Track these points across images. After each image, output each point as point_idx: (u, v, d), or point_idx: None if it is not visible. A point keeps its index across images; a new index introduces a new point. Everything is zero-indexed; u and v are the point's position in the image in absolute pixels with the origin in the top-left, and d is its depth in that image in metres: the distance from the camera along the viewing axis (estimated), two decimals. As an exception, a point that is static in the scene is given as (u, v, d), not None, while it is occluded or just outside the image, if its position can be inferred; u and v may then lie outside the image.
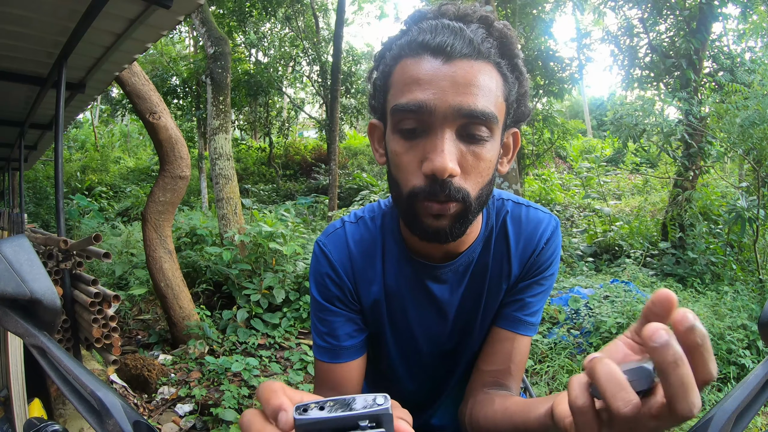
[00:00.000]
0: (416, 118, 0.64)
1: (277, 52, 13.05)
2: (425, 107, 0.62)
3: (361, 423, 0.32)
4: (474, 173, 0.66)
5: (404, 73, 0.66)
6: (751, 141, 4.49)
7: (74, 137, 16.76)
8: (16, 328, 0.42)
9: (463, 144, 0.65)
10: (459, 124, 0.64)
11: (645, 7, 6.58)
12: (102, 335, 2.16)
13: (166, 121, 3.99)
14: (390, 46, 0.71)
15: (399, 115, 0.66)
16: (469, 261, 0.83)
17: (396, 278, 0.84)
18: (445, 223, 0.67)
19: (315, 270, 0.85)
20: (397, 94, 0.67)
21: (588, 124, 20.04)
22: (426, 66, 0.64)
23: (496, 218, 0.84)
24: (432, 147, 0.63)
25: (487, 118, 0.63)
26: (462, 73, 0.63)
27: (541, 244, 0.83)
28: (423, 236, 0.70)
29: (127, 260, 5.95)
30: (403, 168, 0.67)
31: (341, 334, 0.84)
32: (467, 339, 0.88)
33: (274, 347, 4.09)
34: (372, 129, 0.78)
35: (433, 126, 0.64)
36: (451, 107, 0.62)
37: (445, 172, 0.62)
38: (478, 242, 0.82)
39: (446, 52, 0.63)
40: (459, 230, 0.69)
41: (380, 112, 0.74)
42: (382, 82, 0.72)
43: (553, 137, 9.79)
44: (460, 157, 0.64)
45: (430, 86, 0.63)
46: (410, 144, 0.66)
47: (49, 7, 2.30)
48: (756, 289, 4.40)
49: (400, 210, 0.73)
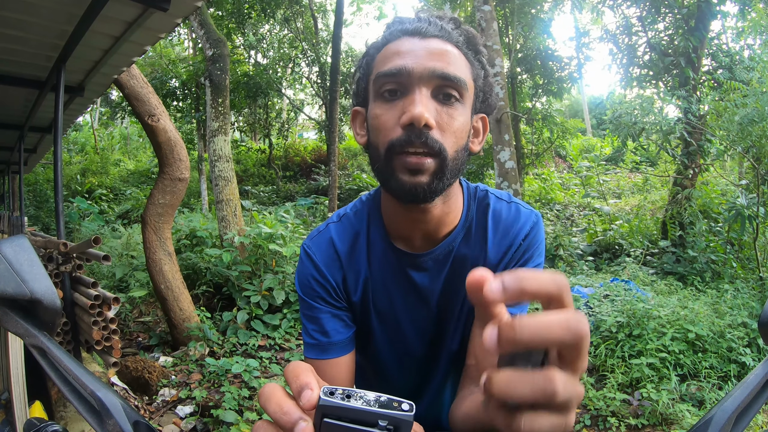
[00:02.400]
0: (396, 81, 0.71)
1: (276, 53, 13.05)
2: (404, 69, 0.70)
3: (381, 422, 0.32)
4: (449, 131, 0.71)
5: (386, 52, 0.75)
6: (751, 138, 4.49)
7: (74, 140, 16.77)
8: (16, 328, 0.42)
9: (437, 104, 0.71)
10: (434, 85, 0.71)
11: (643, 6, 6.59)
12: (102, 337, 2.16)
13: (165, 124, 4.00)
14: (374, 43, 0.80)
15: (381, 81, 0.73)
16: (449, 250, 0.84)
17: (381, 267, 0.87)
18: (423, 180, 0.70)
19: (300, 272, 0.89)
20: (378, 67, 0.75)
21: (587, 123, 20.04)
22: (405, 43, 0.73)
23: (477, 210, 0.86)
24: (410, 101, 0.70)
25: (459, 82, 0.71)
26: (436, 45, 0.72)
27: (519, 238, 0.84)
28: (400, 193, 0.73)
29: (127, 262, 5.95)
30: (381, 127, 0.73)
31: (329, 329, 0.86)
32: (448, 326, 0.90)
33: (274, 348, 4.09)
34: (355, 115, 0.84)
35: (410, 85, 0.71)
36: (426, 69, 0.70)
37: (422, 119, 0.67)
38: (458, 231, 0.84)
39: (422, 32, 0.73)
40: (437, 187, 0.72)
41: (363, 96, 0.81)
42: (366, 70, 0.80)
43: (553, 136, 9.79)
44: (436, 115, 0.70)
45: (408, 55, 0.71)
46: (389, 105, 0.72)
47: (48, 11, 2.30)
48: (756, 286, 4.40)
49: (377, 172, 0.76)
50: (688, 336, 3.14)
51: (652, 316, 3.33)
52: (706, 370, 3.00)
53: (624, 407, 2.82)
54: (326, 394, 0.32)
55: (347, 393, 0.33)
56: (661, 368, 2.99)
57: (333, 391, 0.33)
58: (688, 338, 3.14)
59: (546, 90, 9.21)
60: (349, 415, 0.32)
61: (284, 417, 0.33)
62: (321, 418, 0.33)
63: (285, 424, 0.33)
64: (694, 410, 2.68)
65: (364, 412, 0.32)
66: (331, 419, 0.32)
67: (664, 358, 3.04)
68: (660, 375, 2.96)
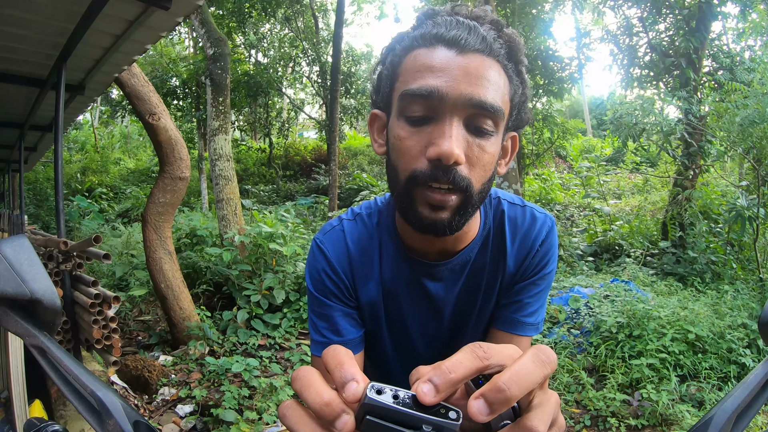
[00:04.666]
0: (426, 104, 0.64)
1: (276, 52, 13.05)
2: (437, 93, 0.62)
3: (425, 428, 0.31)
4: (478, 166, 0.66)
5: (416, 61, 0.66)
6: (751, 140, 4.49)
7: (74, 139, 16.76)
8: (16, 328, 0.41)
9: (469, 135, 0.65)
10: (467, 114, 0.64)
11: (644, 6, 6.58)
12: (102, 336, 2.16)
13: (166, 123, 3.99)
14: (401, 38, 0.71)
15: (408, 100, 0.65)
16: (467, 260, 0.82)
17: (393, 275, 0.84)
18: (445, 216, 0.66)
19: (312, 266, 0.85)
20: (407, 81, 0.66)
21: (588, 124, 20.04)
22: (440, 55, 0.64)
23: (493, 219, 0.84)
24: (440, 132, 0.63)
25: (495, 112, 0.64)
26: (474, 65, 0.63)
27: (536, 245, 0.83)
28: (418, 226, 0.69)
29: (127, 261, 5.95)
30: (405, 152, 0.66)
31: (340, 328, 0.83)
32: (461, 337, 0.88)
33: (274, 348, 4.09)
34: (373, 119, 0.77)
35: (442, 112, 0.63)
36: (462, 95, 0.62)
37: (452, 157, 0.61)
38: (476, 242, 0.82)
39: (460, 44, 0.64)
40: (458, 223, 0.68)
41: (385, 102, 0.73)
42: (390, 72, 0.71)
43: (553, 137, 9.80)
44: (466, 148, 0.64)
45: (442, 73, 0.63)
46: (416, 129, 0.66)
47: (49, 9, 2.30)
48: (756, 287, 4.40)
49: (396, 197, 0.71)
50: (688, 337, 3.14)
51: (652, 317, 3.33)
52: (706, 371, 3.00)
53: (624, 408, 2.82)
54: (374, 392, 0.31)
55: (395, 392, 0.32)
56: (661, 369, 2.99)
57: (381, 390, 0.31)
58: (688, 339, 3.14)
59: (547, 90, 9.20)
60: (394, 416, 0.31)
61: (325, 408, 0.31)
62: (364, 415, 0.31)
63: (326, 416, 0.31)
64: (693, 411, 2.68)
65: (410, 416, 0.31)
66: (374, 417, 0.31)
67: (664, 358, 3.04)
68: (660, 376, 2.96)
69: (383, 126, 0.75)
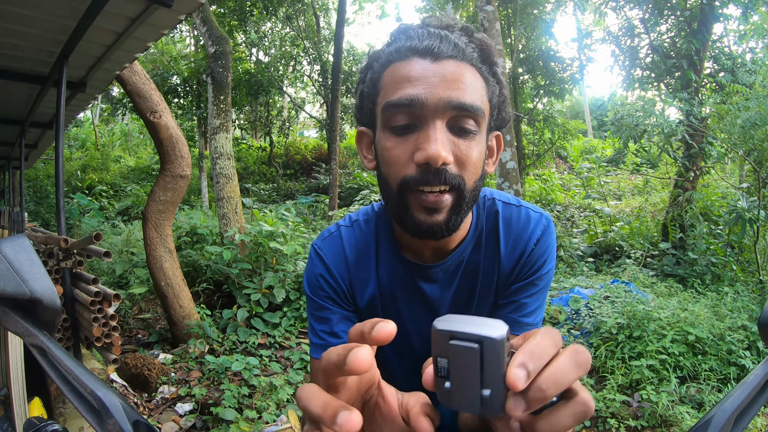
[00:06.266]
0: (408, 112, 0.66)
1: (277, 51, 13.04)
2: (417, 100, 0.65)
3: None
4: (467, 164, 0.68)
5: (394, 74, 0.69)
6: (752, 142, 4.49)
7: (75, 136, 16.77)
8: (16, 327, 0.41)
9: (454, 137, 0.67)
10: (449, 117, 0.66)
11: (646, 8, 6.58)
12: (102, 334, 2.16)
13: (167, 120, 3.99)
14: (377, 56, 0.74)
15: (390, 111, 0.68)
16: (460, 260, 0.83)
17: (389, 278, 0.86)
18: (441, 218, 0.68)
19: (310, 272, 0.88)
20: (388, 94, 0.69)
21: (588, 125, 20.03)
22: (415, 66, 0.67)
23: (486, 218, 0.85)
24: (425, 137, 0.65)
25: (476, 111, 0.66)
26: (450, 70, 0.66)
27: (531, 244, 0.83)
28: (416, 232, 0.70)
29: (127, 259, 5.95)
30: (394, 161, 0.68)
31: (339, 330, 0.84)
32: None
33: (274, 346, 4.09)
34: (360, 136, 0.80)
35: (424, 119, 0.66)
36: (441, 100, 0.65)
37: (439, 159, 0.63)
38: (468, 242, 0.83)
39: (434, 53, 0.67)
40: (455, 223, 0.70)
41: (369, 118, 0.76)
42: (371, 88, 0.74)
43: (554, 137, 9.80)
44: (453, 148, 0.67)
45: (420, 82, 0.66)
46: (401, 139, 0.68)
47: (50, 5, 2.30)
48: (756, 289, 4.40)
49: (390, 206, 0.73)
50: (688, 338, 3.14)
51: (652, 318, 3.33)
52: (706, 372, 3.00)
53: (624, 409, 2.82)
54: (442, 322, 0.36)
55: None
56: (661, 370, 2.99)
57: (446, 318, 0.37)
58: (688, 340, 3.14)
59: (547, 91, 9.21)
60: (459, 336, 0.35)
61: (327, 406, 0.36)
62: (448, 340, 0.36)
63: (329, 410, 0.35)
64: (693, 412, 2.69)
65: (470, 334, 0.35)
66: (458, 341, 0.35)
67: (663, 360, 3.04)
68: (660, 377, 2.96)
69: (371, 142, 0.78)
